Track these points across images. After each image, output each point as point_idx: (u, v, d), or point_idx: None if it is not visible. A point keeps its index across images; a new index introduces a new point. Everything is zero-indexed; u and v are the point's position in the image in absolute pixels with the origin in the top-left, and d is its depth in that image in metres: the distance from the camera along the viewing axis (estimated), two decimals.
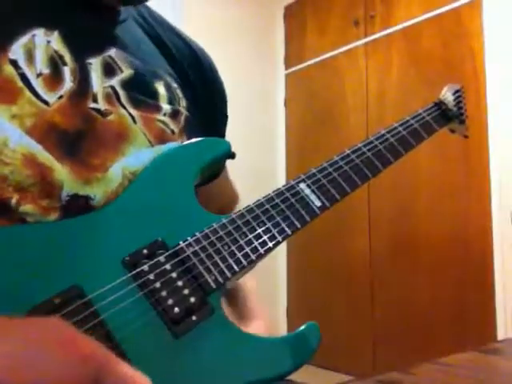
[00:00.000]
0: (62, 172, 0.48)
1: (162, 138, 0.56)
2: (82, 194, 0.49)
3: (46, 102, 0.49)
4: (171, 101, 0.60)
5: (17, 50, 0.49)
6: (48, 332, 0.35)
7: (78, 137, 0.50)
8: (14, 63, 0.49)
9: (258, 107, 3.22)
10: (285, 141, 3.26)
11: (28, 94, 0.48)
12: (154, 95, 0.58)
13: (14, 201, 0.45)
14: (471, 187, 2.28)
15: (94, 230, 0.48)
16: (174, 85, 0.62)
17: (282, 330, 3.05)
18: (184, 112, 0.61)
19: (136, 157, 0.53)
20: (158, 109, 0.58)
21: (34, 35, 0.51)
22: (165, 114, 0.58)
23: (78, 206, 0.48)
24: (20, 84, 0.48)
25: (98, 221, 0.48)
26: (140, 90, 0.57)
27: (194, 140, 0.58)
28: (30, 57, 0.50)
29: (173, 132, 0.58)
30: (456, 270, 2.30)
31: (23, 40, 0.50)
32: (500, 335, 2.13)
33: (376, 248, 2.65)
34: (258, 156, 3.10)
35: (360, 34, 2.81)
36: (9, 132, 0.46)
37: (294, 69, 3.23)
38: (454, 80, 0.73)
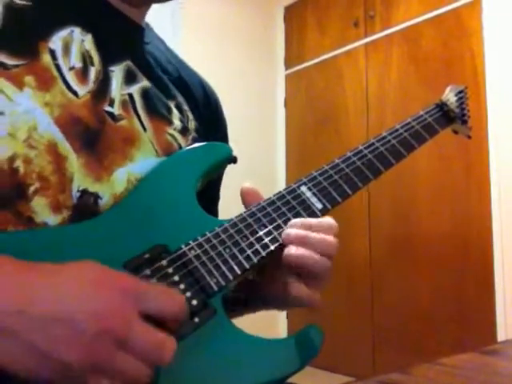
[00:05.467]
0: (75, 164, 0.49)
1: (168, 151, 0.57)
2: (91, 190, 0.50)
3: (75, 94, 0.51)
4: (182, 119, 0.61)
5: (56, 41, 0.52)
6: (85, 274, 0.39)
7: (95, 134, 0.52)
8: (53, 53, 0.51)
9: (257, 107, 3.22)
10: (285, 141, 3.26)
11: (61, 84, 0.51)
12: (168, 109, 0.60)
13: (32, 189, 0.47)
14: (471, 187, 2.28)
15: (96, 235, 0.48)
16: (185, 107, 0.63)
17: (282, 331, 3.05)
18: (193, 132, 0.62)
19: (142, 164, 0.54)
20: (170, 122, 0.59)
21: (72, 31, 0.54)
22: (175, 129, 0.59)
23: (87, 205, 0.49)
24: (55, 74, 0.51)
25: (100, 225, 0.49)
26: (155, 102, 0.58)
27: (196, 145, 0.58)
28: (66, 49, 0.53)
29: (180, 147, 0.59)
30: (456, 271, 2.29)
31: (63, 33, 0.53)
32: (500, 335, 2.13)
33: (376, 248, 2.65)
34: (258, 156, 3.10)
35: (360, 34, 2.81)
36: (39, 118, 0.48)
37: (293, 69, 3.23)
38: (453, 80, 0.73)
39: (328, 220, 0.53)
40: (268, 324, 2.75)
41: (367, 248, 2.68)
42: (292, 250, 0.50)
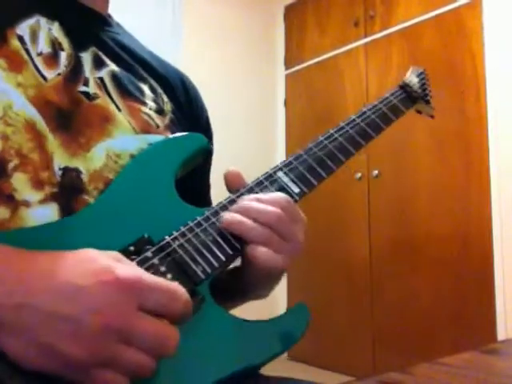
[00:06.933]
0: (53, 143, 0.50)
1: (146, 129, 0.58)
2: (71, 166, 0.51)
3: (44, 78, 0.53)
4: (156, 100, 0.62)
5: (24, 28, 0.54)
6: (87, 265, 0.39)
7: (68, 115, 0.53)
8: (21, 39, 0.53)
9: (257, 107, 3.22)
10: (285, 141, 3.26)
11: (31, 67, 0.52)
12: (140, 91, 0.61)
13: (11, 165, 0.47)
14: (471, 187, 2.28)
15: (79, 230, 0.48)
16: (160, 90, 0.64)
17: None
18: (169, 113, 0.63)
19: (121, 141, 0.55)
20: (144, 103, 0.60)
21: (38, 20, 0.55)
22: (150, 109, 0.60)
23: (71, 180, 0.50)
24: (25, 57, 0.52)
25: (83, 220, 0.49)
26: (126, 84, 0.59)
27: (172, 136, 0.59)
28: (34, 36, 0.54)
29: (157, 126, 0.59)
30: (456, 270, 2.29)
31: (30, 21, 0.55)
32: (500, 335, 2.13)
33: (376, 248, 2.65)
34: (258, 156, 3.10)
35: (360, 34, 2.81)
36: (14, 97, 0.49)
37: (293, 69, 3.23)
38: (454, 80, 0.73)
39: (277, 194, 0.53)
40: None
41: (367, 248, 2.68)
42: (226, 215, 0.51)
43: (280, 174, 0.58)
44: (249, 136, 3.05)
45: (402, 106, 0.71)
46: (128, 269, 0.40)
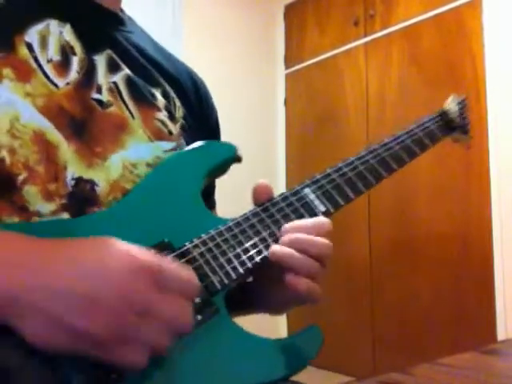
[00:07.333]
0: (67, 151, 0.50)
1: (160, 136, 0.57)
2: (86, 177, 0.50)
3: (55, 85, 0.52)
4: (167, 106, 0.61)
5: (32, 35, 0.52)
6: (103, 249, 0.39)
7: (82, 123, 0.52)
8: (29, 46, 0.52)
9: (257, 107, 3.22)
10: (285, 140, 3.26)
11: (41, 75, 0.51)
12: (152, 96, 0.60)
13: (21, 178, 0.47)
14: (471, 187, 2.27)
15: (99, 232, 0.48)
16: (173, 94, 0.63)
17: (281, 330, 3.05)
18: (180, 119, 0.62)
19: (136, 150, 0.54)
20: (157, 108, 0.59)
21: (48, 24, 0.54)
22: (164, 115, 0.59)
23: (84, 192, 0.49)
24: (34, 66, 0.51)
25: (104, 221, 0.49)
26: (140, 89, 0.59)
27: (201, 143, 0.58)
28: (43, 42, 0.53)
29: (170, 133, 0.59)
30: (456, 271, 2.29)
31: (39, 26, 0.53)
32: (500, 335, 2.13)
33: (376, 248, 2.65)
34: (258, 156, 3.09)
35: (360, 33, 2.81)
36: (21, 108, 0.48)
37: (293, 68, 3.23)
38: (453, 79, 0.73)
39: (316, 221, 0.53)
40: (268, 324, 2.75)
41: (367, 248, 2.68)
42: (275, 248, 0.50)
43: (307, 191, 0.57)
44: (249, 136, 3.05)
45: (440, 133, 0.70)
46: (145, 253, 0.41)
